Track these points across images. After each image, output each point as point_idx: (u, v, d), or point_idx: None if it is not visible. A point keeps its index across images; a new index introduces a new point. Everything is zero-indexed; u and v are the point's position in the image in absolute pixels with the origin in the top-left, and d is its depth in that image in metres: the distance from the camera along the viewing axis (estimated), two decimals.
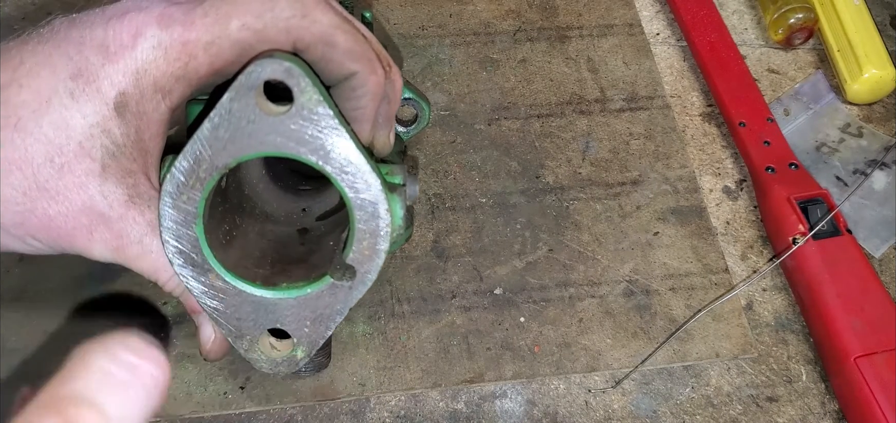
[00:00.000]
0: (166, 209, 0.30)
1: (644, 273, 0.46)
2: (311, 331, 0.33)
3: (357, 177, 0.31)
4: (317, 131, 0.29)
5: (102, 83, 0.29)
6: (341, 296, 0.33)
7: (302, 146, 0.30)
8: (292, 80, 0.28)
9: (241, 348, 0.34)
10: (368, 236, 0.32)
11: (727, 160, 0.52)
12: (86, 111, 0.29)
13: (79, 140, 0.29)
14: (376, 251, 0.32)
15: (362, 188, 0.31)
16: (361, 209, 0.31)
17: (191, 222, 0.31)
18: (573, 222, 0.48)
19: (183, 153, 0.30)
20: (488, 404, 0.42)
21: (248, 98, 0.28)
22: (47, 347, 0.42)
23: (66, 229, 0.30)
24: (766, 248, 0.48)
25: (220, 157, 0.30)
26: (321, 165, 0.30)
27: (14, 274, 0.44)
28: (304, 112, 0.29)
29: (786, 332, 0.45)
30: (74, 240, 0.31)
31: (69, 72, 0.29)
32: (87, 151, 0.29)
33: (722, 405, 0.42)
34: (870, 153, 0.52)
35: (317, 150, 0.30)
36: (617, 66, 0.56)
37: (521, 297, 0.45)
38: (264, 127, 0.29)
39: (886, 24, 0.59)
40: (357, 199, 0.31)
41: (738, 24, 0.60)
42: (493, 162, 0.51)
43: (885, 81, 0.53)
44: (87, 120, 0.29)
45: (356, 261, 0.32)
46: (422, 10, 0.58)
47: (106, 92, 0.29)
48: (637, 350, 0.43)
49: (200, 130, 0.29)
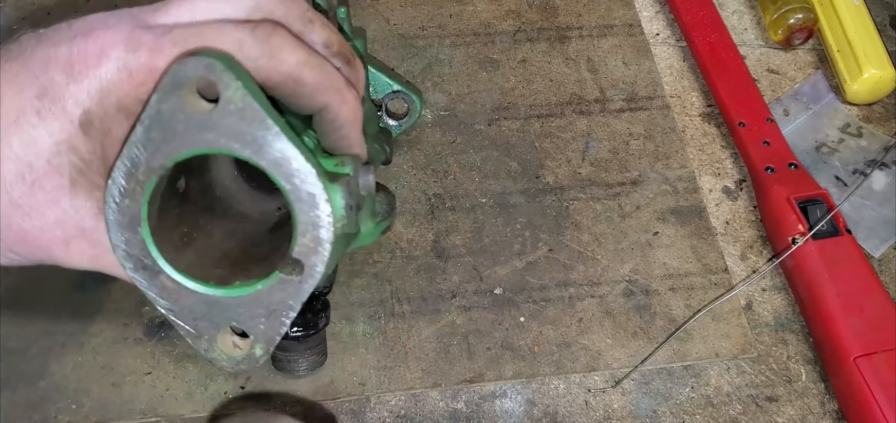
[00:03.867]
0: (111, 215, 0.30)
1: (644, 273, 0.46)
2: (266, 327, 0.33)
3: (292, 169, 0.30)
4: (246, 126, 0.29)
5: (67, 102, 0.30)
6: (291, 290, 0.32)
7: (234, 142, 0.29)
8: (214, 75, 0.28)
9: (201, 349, 0.34)
10: (311, 229, 0.31)
11: (727, 160, 0.52)
12: (52, 129, 0.30)
13: (47, 157, 0.30)
14: (320, 243, 0.32)
15: (299, 180, 0.30)
16: (300, 201, 0.31)
17: (136, 226, 0.31)
18: (573, 222, 0.48)
19: (120, 158, 0.30)
20: (488, 403, 0.42)
21: (175, 98, 0.29)
22: (47, 347, 0.42)
23: (43, 242, 0.31)
24: (765, 248, 0.48)
25: (156, 158, 0.30)
26: (255, 160, 0.30)
27: (14, 274, 0.44)
28: (231, 107, 0.29)
29: (785, 332, 0.45)
30: (52, 252, 0.32)
31: (35, 90, 0.30)
32: (55, 167, 0.30)
33: (721, 404, 0.42)
34: (869, 153, 0.53)
35: (249, 144, 0.30)
36: (617, 67, 0.56)
37: (521, 297, 0.45)
38: (195, 125, 0.29)
39: (886, 24, 0.59)
40: (295, 191, 0.31)
41: (737, 24, 0.60)
42: (493, 162, 0.51)
43: (885, 81, 0.53)
44: (54, 138, 0.30)
45: (302, 254, 0.32)
46: (422, 10, 0.58)
47: (71, 110, 0.30)
48: (637, 350, 0.43)
49: (134, 134, 0.29)
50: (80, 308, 0.43)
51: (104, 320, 0.43)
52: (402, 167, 0.50)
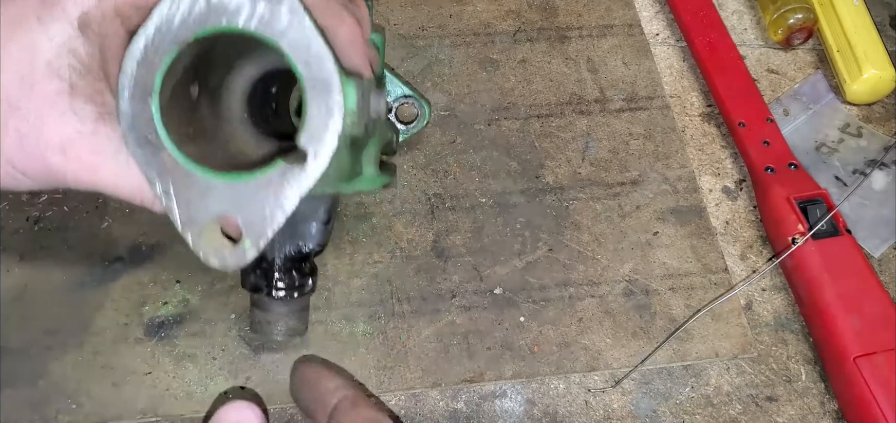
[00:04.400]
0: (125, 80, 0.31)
1: (644, 273, 0.46)
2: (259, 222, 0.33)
3: (310, 53, 0.31)
4: (273, 7, 0.30)
5: (67, 3, 0.30)
6: (292, 181, 0.32)
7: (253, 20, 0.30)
8: None
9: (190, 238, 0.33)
10: (321, 115, 0.32)
11: (727, 160, 0.52)
12: (52, 32, 0.30)
13: (47, 59, 0.30)
14: (328, 131, 0.32)
15: (316, 65, 0.31)
16: (314, 87, 0.31)
17: (147, 97, 0.31)
18: (573, 222, 0.48)
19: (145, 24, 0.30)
20: (488, 403, 0.42)
21: None
22: (47, 347, 0.42)
23: (40, 149, 0.31)
24: (765, 248, 0.48)
25: (181, 31, 0.30)
26: (276, 42, 0.31)
27: (14, 274, 0.44)
28: None
29: (785, 332, 0.45)
30: (49, 161, 0.32)
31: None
32: (55, 70, 0.31)
33: (721, 404, 0.42)
34: (869, 153, 0.53)
35: (272, 26, 0.30)
36: (616, 67, 0.56)
37: (521, 297, 0.45)
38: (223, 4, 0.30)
39: (886, 24, 0.59)
40: (310, 75, 0.31)
41: (737, 24, 0.60)
42: (493, 162, 0.51)
43: (885, 81, 0.53)
44: (54, 41, 0.30)
45: (308, 141, 0.32)
46: (422, 10, 0.58)
47: (70, 11, 0.30)
48: (637, 350, 0.43)
49: (161, 3, 0.30)
50: (80, 308, 0.43)
51: (104, 320, 0.43)
52: (403, 167, 0.50)
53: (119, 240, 0.45)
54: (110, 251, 0.45)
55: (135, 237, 0.45)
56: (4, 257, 0.44)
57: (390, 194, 0.49)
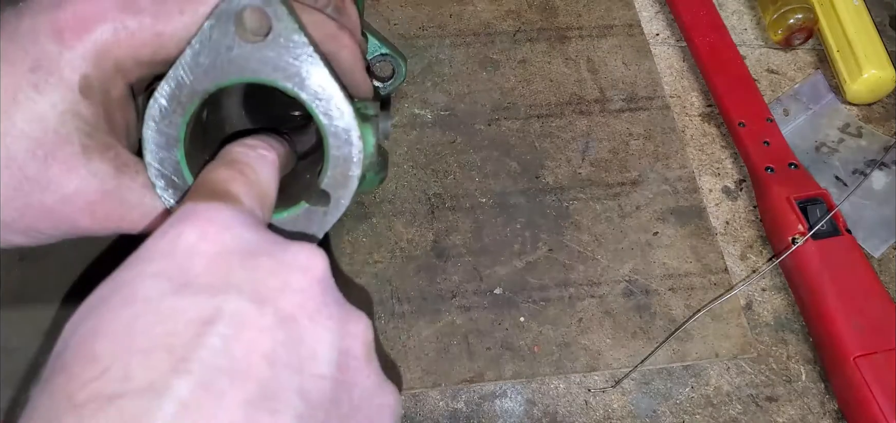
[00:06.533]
0: (149, 133, 0.31)
1: (643, 273, 0.46)
2: None
3: (331, 104, 0.32)
4: (292, 59, 0.31)
5: (64, 70, 0.29)
6: (316, 220, 0.34)
7: (278, 73, 0.31)
8: (270, 8, 0.30)
9: None
10: (342, 163, 0.33)
11: (726, 160, 0.52)
12: (54, 100, 0.29)
13: (54, 128, 0.30)
14: (349, 178, 0.34)
15: (336, 115, 0.32)
16: (335, 136, 0.33)
17: (173, 146, 0.32)
18: (573, 222, 0.48)
19: (166, 79, 0.31)
20: (488, 403, 0.42)
21: (227, 25, 0.30)
22: (47, 347, 0.42)
23: (66, 213, 0.31)
24: (765, 248, 0.48)
25: (201, 82, 0.31)
26: (296, 92, 0.31)
27: (14, 274, 0.44)
28: (280, 40, 0.30)
29: (785, 332, 0.45)
30: (76, 222, 0.31)
31: (28, 64, 0.29)
32: (64, 137, 0.30)
33: (721, 404, 0.42)
34: (869, 153, 0.53)
35: (292, 77, 0.31)
36: (616, 67, 0.56)
37: (521, 297, 0.45)
38: (243, 54, 0.30)
39: (886, 24, 0.59)
40: (331, 125, 0.32)
41: (737, 24, 0.60)
42: (493, 162, 0.51)
43: (885, 81, 0.53)
44: (57, 108, 0.30)
45: (330, 187, 0.34)
46: (422, 10, 0.58)
47: (69, 78, 0.29)
48: (637, 350, 0.43)
49: (182, 57, 0.30)
50: None
51: None
52: (402, 167, 0.50)
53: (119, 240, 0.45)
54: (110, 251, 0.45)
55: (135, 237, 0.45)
56: (4, 257, 0.44)
57: (390, 194, 0.49)
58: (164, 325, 0.22)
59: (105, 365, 0.21)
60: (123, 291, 0.24)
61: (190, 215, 0.26)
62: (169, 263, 0.24)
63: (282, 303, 0.24)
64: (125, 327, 0.22)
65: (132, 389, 0.21)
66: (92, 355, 0.22)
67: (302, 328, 0.24)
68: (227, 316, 0.23)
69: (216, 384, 0.21)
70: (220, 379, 0.22)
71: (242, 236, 0.26)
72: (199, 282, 0.24)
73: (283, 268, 0.25)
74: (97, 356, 0.22)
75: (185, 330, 0.22)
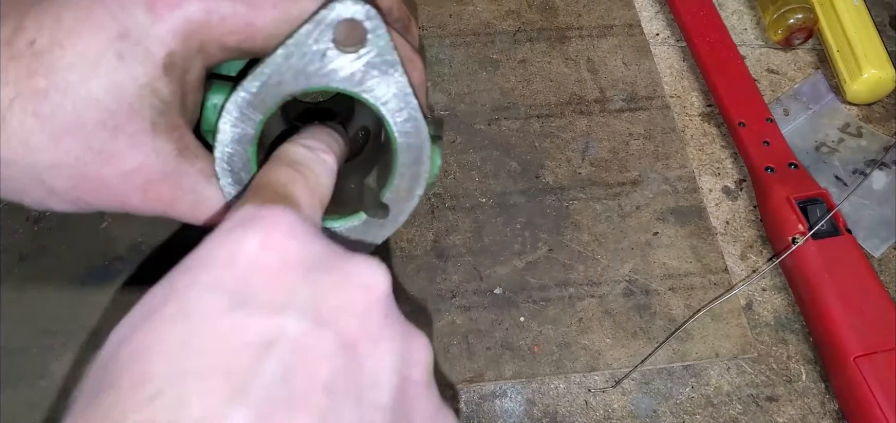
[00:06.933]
0: (226, 126, 0.31)
1: (644, 273, 0.46)
2: None
3: (409, 122, 0.33)
4: (380, 74, 0.31)
5: (151, 43, 0.28)
6: (372, 231, 0.35)
7: (363, 85, 0.32)
8: (370, 22, 0.30)
9: None
10: (408, 179, 0.35)
11: (727, 160, 0.52)
12: (135, 73, 0.28)
13: (129, 101, 0.29)
14: (413, 194, 0.35)
15: (412, 133, 0.33)
16: (407, 153, 0.34)
17: (246, 142, 0.32)
18: (573, 222, 0.48)
19: (253, 75, 0.31)
20: (488, 403, 0.42)
21: (325, 32, 0.30)
22: (47, 347, 0.42)
23: (121, 189, 0.30)
24: (765, 248, 0.48)
25: (289, 84, 0.31)
26: (377, 106, 0.32)
27: (15, 273, 0.44)
28: (372, 53, 0.31)
29: (785, 332, 0.45)
30: (127, 199, 0.31)
31: (115, 31, 0.28)
32: (137, 111, 0.29)
33: (722, 404, 0.42)
34: (869, 153, 0.53)
35: (375, 90, 0.32)
36: (616, 67, 0.56)
37: (521, 297, 0.45)
38: (334, 63, 0.31)
39: (886, 24, 0.59)
40: (405, 142, 0.34)
41: (737, 24, 0.60)
42: (493, 162, 0.51)
43: (885, 81, 0.53)
44: (137, 81, 0.28)
45: (392, 201, 0.35)
46: (422, 10, 0.58)
47: (155, 52, 0.29)
48: (637, 350, 0.43)
49: (273, 57, 0.30)
50: (79, 308, 0.43)
51: (105, 320, 0.43)
52: None
53: (119, 240, 0.45)
54: (110, 251, 0.45)
55: (135, 237, 0.45)
56: (4, 257, 0.44)
57: None
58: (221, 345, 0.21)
59: (158, 388, 0.20)
60: (178, 302, 0.22)
61: (251, 220, 0.24)
62: (228, 273, 0.23)
63: (343, 325, 0.23)
64: (180, 345, 0.21)
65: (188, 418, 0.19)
66: (143, 374, 0.20)
67: (362, 354, 0.23)
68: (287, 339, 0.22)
69: (275, 416, 0.20)
70: (278, 412, 0.20)
71: (304, 246, 0.24)
72: (260, 299, 0.22)
73: (345, 285, 0.24)
74: (149, 376, 0.20)
75: (243, 353, 0.21)
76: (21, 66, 0.27)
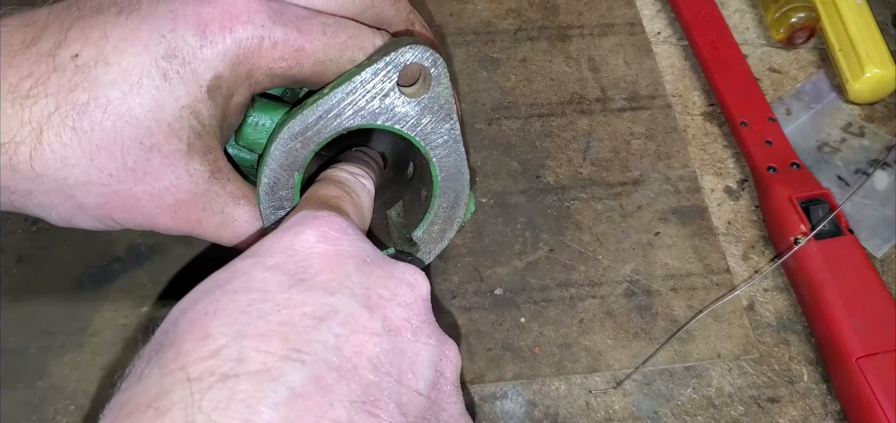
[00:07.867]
0: (277, 152, 0.32)
1: (645, 273, 0.46)
2: None
3: (452, 168, 0.34)
4: (435, 119, 0.32)
5: (199, 65, 0.28)
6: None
7: (417, 129, 0.32)
8: (436, 69, 0.31)
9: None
10: (442, 221, 0.36)
11: (729, 160, 0.52)
12: (178, 94, 0.28)
13: (168, 121, 0.28)
14: (444, 236, 0.36)
15: (454, 179, 0.35)
16: (446, 197, 0.35)
17: (294, 168, 0.32)
18: (574, 222, 0.48)
19: (314, 106, 0.31)
20: (489, 405, 0.41)
21: (392, 74, 0.31)
22: (46, 347, 0.42)
23: (150, 209, 0.30)
24: (767, 248, 0.48)
25: (347, 120, 0.31)
26: (427, 150, 0.33)
27: (14, 274, 0.44)
28: (431, 98, 0.32)
29: (787, 332, 0.45)
30: (156, 219, 0.31)
31: (162, 51, 0.28)
32: (175, 132, 0.29)
33: (723, 405, 0.42)
34: (872, 153, 0.52)
35: (428, 135, 0.33)
36: (618, 66, 0.56)
37: (522, 297, 0.45)
38: (393, 103, 0.31)
39: (888, 23, 0.58)
40: (446, 187, 0.35)
41: (739, 23, 0.60)
42: (493, 162, 0.50)
43: (887, 80, 0.53)
44: (179, 102, 0.28)
45: (422, 240, 0.36)
46: (422, 10, 0.58)
47: (202, 74, 0.28)
48: (638, 351, 0.43)
49: (336, 90, 0.31)
50: (78, 308, 0.43)
51: (104, 320, 0.43)
52: None
53: (118, 240, 0.45)
54: (109, 251, 0.45)
55: (133, 237, 0.45)
56: (3, 258, 0.44)
57: None
58: (279, 314, 0.23)
59: (220, 344, 0.21)
60: (241, 278, 0.24)
61: (309, 219, 0.26)
62: (287, 258, 0.25)
63: (389, 313, 0.25)
64: (242, 311, 0.23)
65: (246, 370, 0.21)
66: (206, 333, 0.22)
67: (405, 341, 0.25)
68: (340, 315, 0.24)
69: (326, 378, 0.22)
70: (329, 374, 0.22)
71: (356, 243, 0.26)
72: (317, 280, 0.24)
73: (392, 280, 0.26)
74: (212, 335, 0.22)
75: (300, 322, 0.23)
76: (63, 79, 0.27)
